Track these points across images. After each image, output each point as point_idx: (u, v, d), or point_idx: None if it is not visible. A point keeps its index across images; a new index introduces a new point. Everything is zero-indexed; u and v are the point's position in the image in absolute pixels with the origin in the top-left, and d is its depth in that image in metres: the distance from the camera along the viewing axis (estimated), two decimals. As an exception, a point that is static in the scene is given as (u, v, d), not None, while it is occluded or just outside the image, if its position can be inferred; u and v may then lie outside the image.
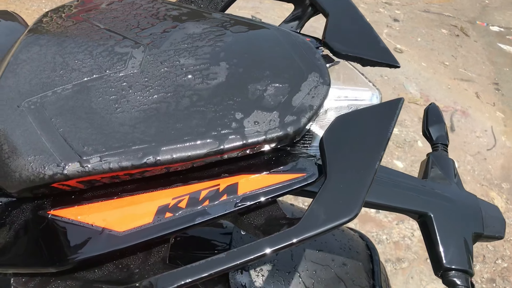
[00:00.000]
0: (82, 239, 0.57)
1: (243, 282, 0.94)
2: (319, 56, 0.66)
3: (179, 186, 0.59)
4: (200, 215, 0.57)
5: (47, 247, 0.59)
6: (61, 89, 0.60)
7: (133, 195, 0.59)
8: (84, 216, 0.58)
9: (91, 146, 0.56)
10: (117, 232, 0.57)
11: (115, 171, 0.56)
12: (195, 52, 0.65)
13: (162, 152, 0.56)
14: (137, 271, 0.57)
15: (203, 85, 0.61)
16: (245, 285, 0.94)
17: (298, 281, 0.96)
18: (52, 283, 0.60)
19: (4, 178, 0.57)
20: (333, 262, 1.01)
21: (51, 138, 0.57)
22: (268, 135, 0.57)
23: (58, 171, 0.55)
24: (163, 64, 0.63)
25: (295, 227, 0.52)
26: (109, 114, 0.59)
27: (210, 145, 0.56)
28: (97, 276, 0.58)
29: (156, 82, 0.61)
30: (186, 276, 0.50)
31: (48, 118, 0.58)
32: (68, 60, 0.63)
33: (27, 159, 0.56)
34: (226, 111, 0.59)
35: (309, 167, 0.60)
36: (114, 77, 0.62)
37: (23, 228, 0.60)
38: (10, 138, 0.57)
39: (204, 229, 1.06)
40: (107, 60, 0.63)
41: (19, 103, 0.59)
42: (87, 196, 0.60)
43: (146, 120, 0.58)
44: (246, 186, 0.59)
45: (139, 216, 0.57)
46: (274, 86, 0.61)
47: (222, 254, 0.51)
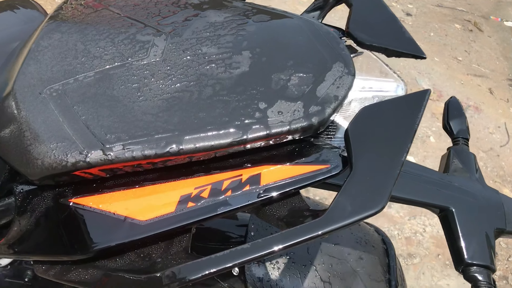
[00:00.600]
0: (104, 227, 0.57)
1: (259, 275, 0.94)
2: (343, 46, 0.65)
3: (201, 176, 0.59)
4: (222, 205, 0.57)
5: (68, 235, 0.58)
6: (83, 76, 0.60)
7: (155, 184, 0.59)
8: (106, 205, 0.58)
9: (113, 134, 0.56)
10: (139, 221, 0.56)
11: (138, 160, 0.55)
12: (217, 41, 0.64)
13: (185, 141, 0.55)
14: (159, 260, 0.57)
15: (226, 74, 0.60)
16: (261, 278, 0.94)
17: (314, 274, 0.95)
18: (73, 271, 0.60)
19: (26, 165, 0.56)
20: (349, 256, 1.00)
21: (74, 125, 0.56)
22: (292, 126, 0.56)
23: (80, 158, 0.54)
24: (185, 52, 0.62)
25: (321, 218, 0.51)
26: (131, 102, 0.58)
27: (234, 135, 0.55)
28: (119, 265, 0.58)
29: (178, 71, 0.61)
30: (211, 266, 0.50)
31: (70, 106, 0.57)
32: (90, 48, 0.62)
33: (49, 146, 0.55)
34: (249, 101, 0.58)
35: (333, 159, 0.59)
36: (136, 65, 0.61)
37: (44, 216, 0.60)
38: (32, 125, 0.56)
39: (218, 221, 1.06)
40: (129, 48, 0.62)
41: (41, 90, 0.59)
42: (108, 185, 0.59)
43: (168, 109, 0.57)
44: (269, 177, 0.58)
45: (161, 205, 0.57)
46: (298, 76, 0.60)
47: (247, 245, 0.50)
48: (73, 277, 0.60)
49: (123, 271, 0.56)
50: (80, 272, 0.59)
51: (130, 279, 0.54)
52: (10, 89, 0.59)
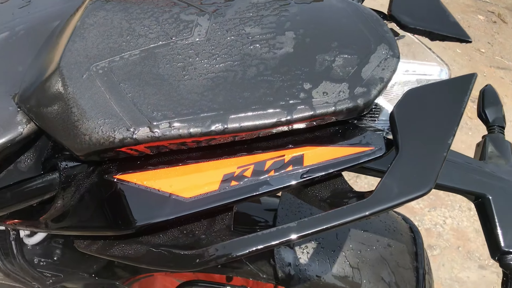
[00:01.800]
0: (148, 203, 0.58)
1: (288, 259, 0.95)
2: (387, 28, 0.64)
3: (243, 155, 0.59)
4: (265, 185, 0.57)
5: (113, 210, 0.59)
6: (129, 54, 0.60)
7: (198, 163, 0.59)
8: (150, 181, 0.58)
9: (160, 111, 0.56)
10: (183, 198, 0.57)
11: (184, 138, 0.55)
12: (260, 21, 0.64)
13: (230, 121, 0.55)
14: (203, 237, 0.58)
15: (270, 54, 0.60)
16: (290, 262, 0.94)
17: (343, 260, 0.96)
18: (116, 246, 0.61)
19: (73, 141, 0.57)
20: (378, 243, 1.00)
21: (120, 102, 0.57)
22: (337, 107, 0.56)
23: (128, 135, 0.55)
24: (229, 32, 0.62)
25: (368, 199, 0.51)
26: (176, 81, 0.58)
27: (278, 115, 0.55)
28: (163, 240, 0.59)
29: (222, 51, 0.61)
30: (258, 243, 0.50)
31: (116, 83, 0.58)
32: (135, 26, 0.63)
33: (97, 123, 0.56)
34: (294, 81, 0.58)
35: (377, 141, 0.59)
36: (181, 44, 0.61)
37: (88, 191, 0.61)
38: (79, 101, 0.57)
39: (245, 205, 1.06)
40: (173, 27, 0.63)
41: (87, 67, 0.59)
42: (152, 162, 0.60)
43: (213, 88, 0.58)
44: (312, 158, 0.58)
45: (205, 184, 0.57)
46: (342, 57, 0.60)
47: (293, 223, 0.51)
48: (117, 252, 0.61)
49: (168, 247, 0.57)
50: (124, 247, 0.60)
51: (177, 254, 0.55)
52: (57, 66, 0.60)
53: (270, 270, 0.98)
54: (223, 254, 0.52)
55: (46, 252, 1.13)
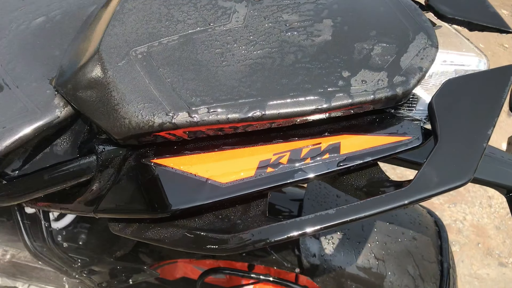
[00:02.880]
0: (185, 188, 0.58)
1: (314, 249, 0.95)
2: (425, 17, 0.64)
3: (279, 142, 0.59)
4: (301, 172, 0.57)
5: (149, 194, 0.60)
6: (167, 40, 0.61)
7: (234, 149, 0.59)
8: (187, 166, 0.59)
9: (198, 97, 0.56)
10: (219, 183, 0.57)
11: (222, 123, 0.56)
12: (297, 8, 0.64)
13: (268, 107, 0.55)
14: (239, 222, 0.58)
15: (308, 41, 0.60)
16: (315, 252, 0.95)
17: (368, 252, 0.96)
18: (151, 230, 0.62)
19: (113, 124, 0.58)
20: (403, 236, 1.00)
21: (160, 87, 0.57)
22: (376, 95, 0.56)
23: (167, 120, 0.55)
24: (267, 19, 0.62)
25: (407, 188, 0.51)
26: (215, 67, 0.58)
27: (317, 102, 0.55)
28: (199, 224, 0.59)
29: (260, 37, 0.61)
30: (295, 229, 0.50)
31: (155, 68, 0.58)
32: (173, 12, 0.63)
33: (136, 107, 0.56)
34: (332, 69, 0.58)
35: (414, 131, 0.58)
36: (219, 31, 0.61)
37: (125, 175, 0.62)
38: (119, 85, 0.58)
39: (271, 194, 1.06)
40: (211, 13, 0.63)
41: (126, 52, 0.60)
42: (189, 147, 0.60)
43: (251, 75, 0.58)
44: (348, 146, 0.58)
45: (241, 169, 0.58)
46: (381, 45, 0.60)
47: (331, 210, 0.51)
48: (152, 235, 0.61)
49: (205, 231, 0.58)
50: (159, 231, 0.61)
51: (214, 237, 0.56)
52: (96, 50, 0.60)
53: (294, 259, 0.98)
54: (260, 239, 0.52)
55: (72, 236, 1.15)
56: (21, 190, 0.69)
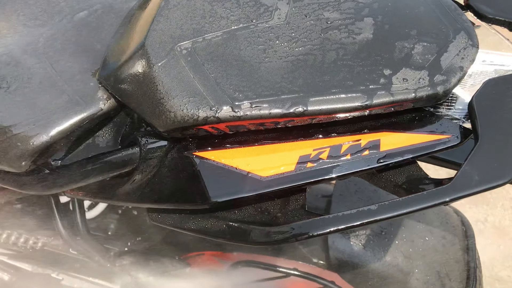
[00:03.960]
0: (226, 180, 0.60)
1: (342, 245, 0.96)
2: (466, 17, 0.64)
3: (319, 138, 0.60)
4: (341, 168, 0.58)
5: (191, 185, 0.62)
6: (211, 36, 0.62)
7: (274, 143, 0.61)
8: (228, 160, 0.60)
9: (242, 92, 0.58)
10: (260, 177, 0.59)
11: (264, 118, 0.57)
12: (338, 7, 0.64)
13: (310, 103, 0.57)
14: (279, 215, 0.59)
15: (349, 39, 0.61)
16: (343, 248, 0.95)
17: (396, 249, 0.96)
18: (191, 220, 0.63)
19: (158, 117, 0.59)
20: (430, 234, 1.01)
21: (204, 82, 0.59)
22: (417, 93, 0.56)
23: (211, 114, 0.57)
24: (308, 17, 0.63)
25: (448, 186, 0.52)
26: (257, 63, 0.60)
27: (359, 99, 0.56)
28: (239, 217, 0.61)
29: (302, 34, 0.62)
30: (337, 223, 0.52)
31: (200, 63, 0.60)
32: (217, 8, 0.64)
33: (182, 100, 0.58)
34: (373, 67, 0.59)
35: (453, 130, 0.59)
36: (261, 27, 0.63)
37: (167, 166, 0.64)
38: (165, 79, 0.59)
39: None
40: (253, 10, 0.64)
41: (171, 47, 0.61)
42: (229, 141, 0.62)
43: (293, 71, 0.59)
44: (388, 143, 0.59)
45: (281, 164, 0.59)
46: (421, 44, 0.60)
47: (374, 206, 0.52)
48: (192, 226, 0.63)
49: (246, 223, 0.59)
50: (200, 222, 0.63)
51: (256, 229, 0.57)
52: (142, 45, 0.62)
53: (322, 254, 0.99)
54: (303, 232, 0.53)
55: (103, 226, 1.18)
56: (63, 180, 0.71)
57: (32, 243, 1.17)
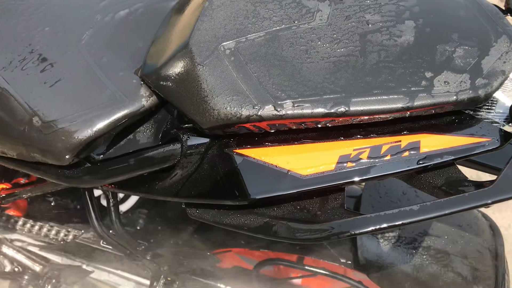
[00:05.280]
0: (265, 178, 0.61)
1: (371, 245, 0.96)
2: (507, 21, 0.64)
3: (359, 138, 0.61)
4: (381, 168, 0.59)
5: (231, 182, 0.63)
6: (254, 36, 0.63)
7: (314, 143, 0.62)
8: (268, 157, 0.62)
9: (284, 91, 0.59)
10: (300, 175, 0.60)
11: (306, 117, 0.58)
12: (379, 9, 0.65)
13: (352, 104, 0.57)
14: (319, 213, 0.60)
15: (391, 41, 0.62)
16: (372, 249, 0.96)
17: (424, 251, 0.96)
18: (230, 216, 0.65)
19: (202, 115, 0.61)
20: (459, 238, 1.00)
21: (247, 81, 0.60)
22: (458, 96, 0.57)
23: (254, 112, 0.58)
24: (350, 18, 0.64)
25: (490, 188, 0.52)
26: (299, 63, 0.61)
27: (400, 101, 0.57)
28: (279, 213, 0.62)
29: (344, 36, 0.63)
30: (380, 222, 0.53)
31: (243, 63, 0.61)
32: (259, 9, 0.65)
33: (225, 99, 0.59)
34: (415, 69, 0.59)
35: (493, 133, 0.59)
36: (303, 28, 0.64)
37: (208, 162, 0.65)
38: (209, 78, 0.61)
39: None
40: (295, 11, 0.65)
41: (215, 46, 0.63)
42: (270, 139, 0.63)
43: (335, 72, 0.60)
44: (428, 145, 0.59)
45: (321, 163, 0.60)
46: (463, 48, 0.61)
47: (415, 206, 0.53)
48: (231, 221, 0.65)
49: (286, 220, 0.60)
50: (239, 217, 0.64)
51: (297, 227, 0.58)
52: (186, 44, 0.63)
53: (349, 255, 1.00)
54: (343, 231, 0.55)
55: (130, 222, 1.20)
56: (104, 174, 0.73)
57: (63, 235, 1.20)
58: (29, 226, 1.22)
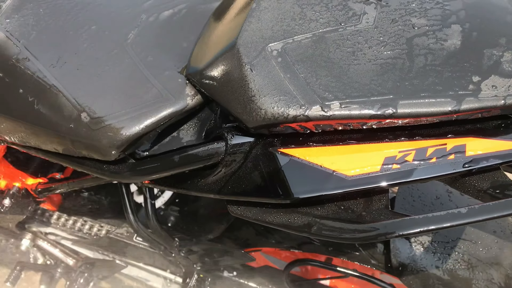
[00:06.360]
0: (310, 177, 0.62)
1: (404, 249, 0.96)
2: (555, 27, 0.64)
3: (404, 140, 0.62)
4: (427, 171, 0.59)
5: (275, 180, 0.64)
6: (301, 37, 0.64)
7: (359, 144, 0.62)
8: (312, 157, 0.62)
9: (331, 92, 0.60)
10: (345, 176, 0.61)
11: (353, 119, 0.59)
12: (425, 13, 0.66)
13: (400, 106, 0.58)
14: (364, 213, 0.61)
15: (437, 45, 0.62)
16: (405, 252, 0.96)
17: (457, 256, 0.96)
18: (273, 214, 0.66)
19: (249, 114, 0.62)
20: (493, 244, 1.00)
21: (294, 82, 0.61)
22: (507, 101, 0.57)
23: (301, 112, 0.59)
24: (396, 22, 0.65)
25: (540, 193, 0.52)
26: (346, 65, 0.62)
27: (448, 104, 0.57)
28: (323, 213, 0.63)
29: (390, 39, 0.63)
30: (426, 224, 0.53)
31: (290, 63, 0.62)
32: (306, 11, 0.67)
33: (273, 99, 0.60)
34: (462, 73, 0.59)
35: (540, 139, 0.59)
36: (350, 31, 0.64)
37: (252, 161, 0.66)
38: (256, 78, 0.62)
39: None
40: (342, 13, 0.66)
41: (262, 47, 0.64)
42: (314, 139, 0.64)
43: (382, 74, 0.60)
44: (474, 149, 0.59)
45: (366, 164, 0.61)
46: (510, 53, 0.61)
47: (463, 208, 0.53)
48: (274, 219, 0.66)
49: (331, 219, 0.61)
50: (282, 216, 0.65)
51: (343, 227, 0.59)
52: (233, 44, 0.65)
53: (381, 257, 1.00)
54: (390, 231, 0.55)
55: (162, 218, 1.22)
56: (148, 170, 0.75)
57: (96, 230, 1.23)
58: (63, 220, 1.25)
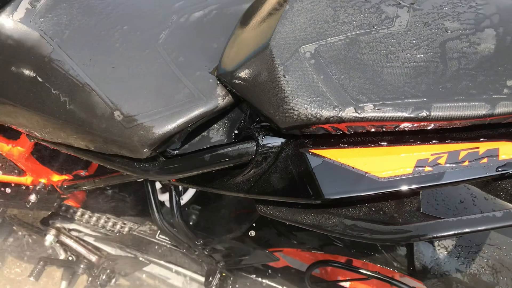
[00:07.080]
0: (342, 178, 0.62)
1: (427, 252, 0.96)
2: None
3: (436, 143, 0.62)
4: (459, 173, 0.59)
5: (306, 181, 0.65)
6: (334, 39, 0.65)
7: (391, 146, 0.63)
8: (344, 159, 0.63)
9: (365, 94, 0.60)
10: (377, 177, 0.61)
11: (386, 121, 0.59)
12: (458, 17, 0.66)
13: (434, 109, 0.58)
14: (396, 215, 0.61)
15: (471, 49, 0.62)
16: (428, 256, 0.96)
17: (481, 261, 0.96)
18: (303, 214, 0.66)
19: (281, 115, 0.63)
20: (518, 249, 0.99)
21: (327, 83, 0.62)
22: (542, 105, 0.57)
23: (334, 113, 0.60)
24: (429, 25, 0.65)
25: None
26: (380, 67, 0.62)
27: (482, 108, 0.57)
28: (355, 214, 0.63)
29: (423, 42, 0.63)
30: (461, 227, 0.53)
31: (323, 65, 0.63)
32: (339, 13, 0.67)
33: (306, 100, 0.61)
34: (496, 77, 0.59)
35: None
36: (383, 33, 0.65)
37: (282, 161, 0.67)
38: (289, 79, 0.63)
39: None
40: (375, 16, 0.66)
41: (296, 49, 0.65)
42: (346, 141, 0.64)
43: (416, 77, 0.61)
44: (507, 153, 0.59)
45: (399, 166, 0.61)
46: (545, 57, 0.61)
47: (498, 212, 0.53)
48: (304, 219, 0.66)
49: (363, 220, 0.61)
50: (312, 216, 0.66)
51: (375, 228, 0.59)
52: (266, 45, 0.66)
53: (404, 260, 1.00)
54: (424, 233, 0.55)
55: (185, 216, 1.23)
56: (177, 168, 0.76)
57: (119, 227, 1.24)
58: (87, 217, 1.27)
